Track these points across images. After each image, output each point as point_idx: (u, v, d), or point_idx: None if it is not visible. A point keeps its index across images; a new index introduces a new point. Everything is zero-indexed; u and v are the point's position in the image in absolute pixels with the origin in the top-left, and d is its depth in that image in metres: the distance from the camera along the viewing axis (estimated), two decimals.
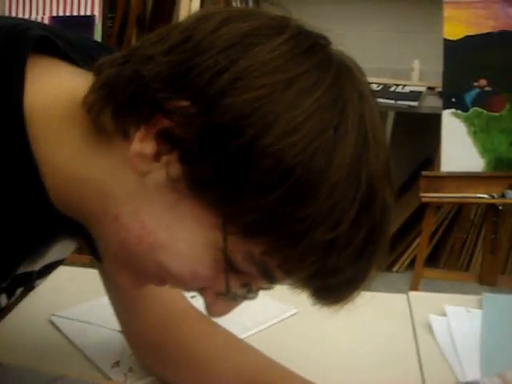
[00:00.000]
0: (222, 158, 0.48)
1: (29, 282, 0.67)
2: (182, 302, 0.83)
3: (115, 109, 0.52)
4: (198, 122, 0.48)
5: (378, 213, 0.51)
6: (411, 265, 2.52)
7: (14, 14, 2.67)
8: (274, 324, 0.97)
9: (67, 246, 0.69)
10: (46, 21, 2.65)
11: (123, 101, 0.51)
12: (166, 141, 0.50)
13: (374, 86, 2.58)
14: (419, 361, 0.90)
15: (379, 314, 1.02)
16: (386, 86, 2.59)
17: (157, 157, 0.51)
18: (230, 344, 0.82)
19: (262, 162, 0.47)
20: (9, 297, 0.66)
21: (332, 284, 0.53)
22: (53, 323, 0.97)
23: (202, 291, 0.58)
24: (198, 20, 0.52)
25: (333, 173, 0.48)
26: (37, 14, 2.67)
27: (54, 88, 0.56)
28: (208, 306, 0.58)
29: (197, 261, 0.53)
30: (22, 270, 0.63)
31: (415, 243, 2.64)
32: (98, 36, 2.28)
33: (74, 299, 1.03)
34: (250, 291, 0.57)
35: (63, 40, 0.60)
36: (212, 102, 0.48)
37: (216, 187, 0.49)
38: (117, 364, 0.86)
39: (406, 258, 2.73)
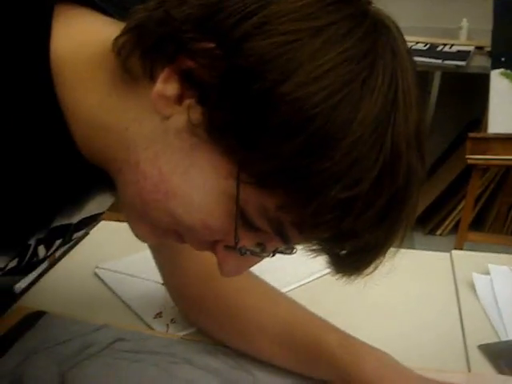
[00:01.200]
0: (241, 102, 0.47)
1: (66, 234, 0.68)
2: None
3: (144, 50, 0.51)
4: (221, 64, 0.47)
5: (403, 178, 0.48)
6: (455, 228, 2.48)
7: None
8: (315, 279, 0.98)
9: (105, 200, 0.69)
10: None
11: (152, 42, 0.51)
12: (189, 83, 0.50)
13: (421, 46, 2.53)
14: (461, 319, 0.89)
15: (421, 272, 1.02)
16: (433, 46, 2.53)
17: (179, 99, 0.51)
18: (269, 296, 0.82)
19: (281, 109, 0.46)
20: (47, 248, 0.67)
21: (349, 250, 0.52)
22: (97, 275, 1.00)
23: (213, 246, 0.57)
24: None
25: (356, 127, 0.46)
26: None
27: (82, 34, 0.56)
28: (220, 264, 0.57)
29: (210, 211, 0.52)
30: (58, 222, 0.64)
31: (460, 206, 2.60)
32: None
33: (117, 252, 1.05)
34: (263, 251, 0.56)
35: None
36: (236, 44, 0.47)
37: (233, 132, 0.48)
38: (159, 315, 0.88)
39: (450, 222, 2.70)
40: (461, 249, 1.98)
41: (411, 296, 0.95)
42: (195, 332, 0.85)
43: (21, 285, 0.99)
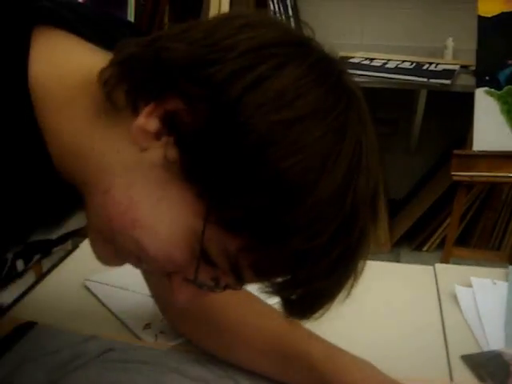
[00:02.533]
0: (218, 153, 0.50)
1: (46, 250, 0.69)
2: None
3: (130, 84, 0.54)
4: (206, 112, 0.50)
5: (356, 236, 0.52)
6: (441, 245, 2.50)
7: None
8: None
9: (83, 217, 0.70)
10: None
11: (140, 78, 0.53)
12: (170, 122, 0.52)
13: (407, 64, 2.56)
14: (443, 330, 0.91)
15: (405, 284, 1.04)
16: (419, 64, 2.57)
17: (158, 135, 0.53)
18: (255, 308, 0.84)
19: (260, 170, 0.49)
20: (26, 262, 0.68)
21: (300, 296, 0.55)
22: (86, 287, 1.01)
23: (171, 276, 0.58)
24: (220, 20, 0.55)
25: (321, 190, 0.50)
26: None
27: (63, 61, 0.57)
28: (174, 293, 0.59)
29: (174, 245, 0.54)
30: (35, 237, 0.65)
31: (446, 223, 2.62)
32: (131, 13, 2.30)
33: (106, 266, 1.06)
34: (217, 286, 0.58)
35: (80, 16, 0.62)
36: (228, 99, 0.49)
37: (206, 178, 0.51)
38: (148, 326, 0.89)
39: (436, 238, 2.72)
40: (447, 263, 2.00)
41: (395, 307, 0.97)
42: (184, 342, 0.86)
43: (9, 297, 1.01)
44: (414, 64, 2.58)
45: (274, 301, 0.93)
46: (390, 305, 0.98)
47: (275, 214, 0.50)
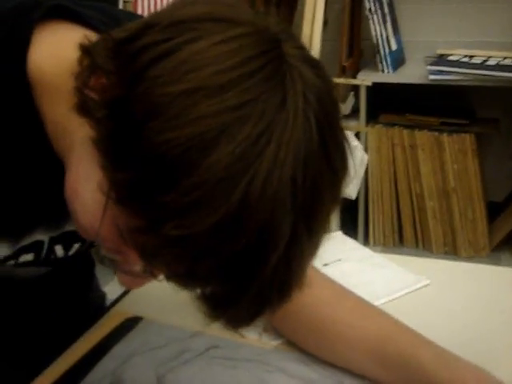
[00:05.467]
0: (115, 125, 0.49)
1: (85, 240, 0.70)
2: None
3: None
4: (116, 84, 0.50)
5: (255, 237, 0.47)
6: None
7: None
8: (406, 294, 0.97)
9: None
10: None
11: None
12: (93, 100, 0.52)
13: (509, 61, 2.47)
14: None
15: (506, 289, 0.99)
16: None
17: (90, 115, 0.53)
18: (358, 309, 0.82)
19: (138, 143, 0.47)
20: (65, 249, 0.72)
21: (206, 296, 0.51)
22: None
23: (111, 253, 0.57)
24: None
25: (205, 170, 0.46)
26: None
27: (61, 48, 0.60)
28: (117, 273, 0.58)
29: (94, 217, 0.53)
30: (70, 227, 0.68)
31: None
32: None
33: None
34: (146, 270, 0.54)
35: (100, 13, 0.65)
36: (133, 71, 0.49)
37: (105, 150, 0.50)
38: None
39: None
40: None
41: (504, 312, 0.93)
42: (288, 341, 0.86)
43: (114, 293, 1.03)
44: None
45: (380, 301, 0.92)
46: (499, 310, 0.94)
47: (152, 191, 0.47)
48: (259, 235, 0.47)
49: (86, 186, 0.54)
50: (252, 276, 0.49)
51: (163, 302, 0.97)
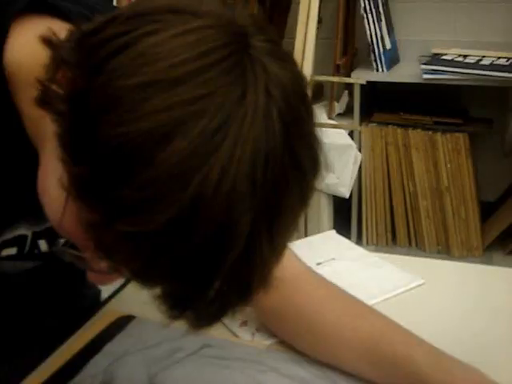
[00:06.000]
0: (73, 119, 0.49)
1: None
2: (297, 267, 0.83)
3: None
4: (75, 79, 0.49)
5: (207, 235, 0.45)
6: None
7: None
8: (401, 293, 0.97)
9: None
10: None
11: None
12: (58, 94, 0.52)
13: (503, 61, 2.48)
14: None
15: (499, 288, 0.99)
16: None
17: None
18: (351, 309, 0.82)
19: (91, 136, 0.47)
20: (49, 244, 0.72)
21: (165, 295, 0.50)
22: None
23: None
24: None
25: (158, 165, 0.45)
26: None
27: (36, 43, 0.56)
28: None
29: (58, 211, 0.53)
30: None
31: None
32: None
33: None
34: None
35: (80, 5, 0.65)
36: (92, 65, 0.48)
37: (62, 142, 0.50)
38: (244, 323, 0.89)
39: None
40: None
41: (501, 313, 0.93)
42: (281, 341, 0.85)
43: (106, 290, 1.03)
44: (511, 60, 2.49)
45: (374, 301, 0.92)
46: (492, 309, 0.94)
47: (106, 189, 0.46)
48: (215, 233, 0.46)
49: (52, 180, 0.53)
50: (209, 276, 0.47)
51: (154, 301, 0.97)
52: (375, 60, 2.61)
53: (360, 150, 2.56)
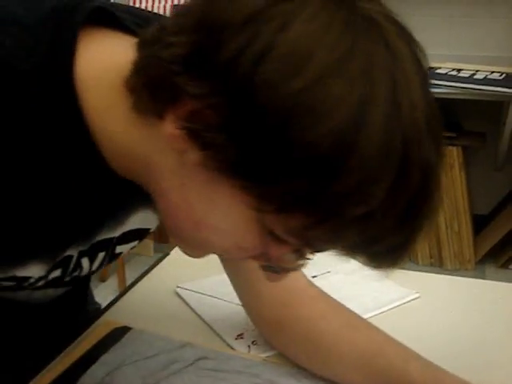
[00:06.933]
0: (248, 142, 0.47)
1: (109, 247, 0.70)
2: (301, 280, 0.84)
3: (149, 92, 0.53)
4: (223, 104, 0.47)
5: (418, 179, 0.48)
6: None
7: (137, 4, 2.78)
8: (395, 307, 0.97)
9: (148, 216, 0.71)
10: (168, 9, 2.75)
11: (154, 85, 0.52)
12: (194, 121, 0.50)
13: (496, 75, 2.50)
14: None
15: (491, 302, 1.00)
16: (509, 76, 2.50)
17: (190, 137, 0.51)
18: (348, 322, 0.82)
19: (288, 149, 0.46)
20: (91, 261, 0.70)
21: (378, 251, 0.52)
22: (178, 294, 1.02)
23: (255, 259, 0.58)
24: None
25: (362, 149, 0.46)
26: (159, 2, 2.77)
27: (107, 59, 0.57)
28: (264, 271, 0.59)
29: (239, 235, 0.54)
30: (100, 236, 0.66)
31: None
32: None
33: (197, 273, 1.07)
34: (301, 256, 0.57)
35: (131, 15, 0.61)
36: (239, 84, 0.46)
37: (244, 170, 0.49)
38: (240, 336, 0.89)
39: None
40: None
41: (493, 327, 0.94)
42: (277, 354, 0.86)
43: (101, 301, 1.03)
44: (504, 75, 2.51)
45: (369, 314, 0.93)
46: (487, 324, 0.94)
47: (322, 188, 0.47)
48: (422, 177, 0.48)
49: (212, 211, 0.53)
50: (419, 214, 0.50)
51: (151, 312, 0.97)
52: None
53: None
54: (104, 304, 1.00)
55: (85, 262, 0.69)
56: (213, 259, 0.90)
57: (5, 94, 0.51)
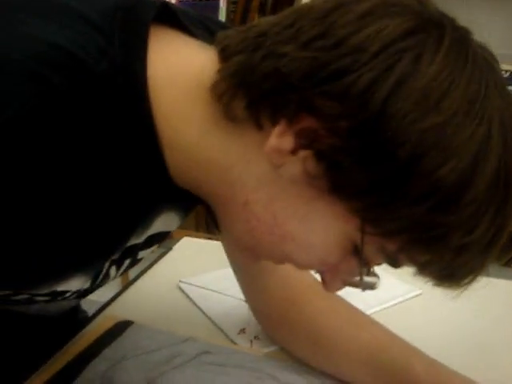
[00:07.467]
0: (368, 170, 0.47)
1: (134, 253, 0.68)
2: (306, 277, 0.84)
3: (250, 100, 0.51)
4: (348, 128, 0.47)
5: (509, 212, 0.51)
6: None
7: None
8: (398, 303, 0.97)
9: (170, 219, 0.68)
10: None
11: (260, 94, 0.50)
12: (307, 139, 0.49)
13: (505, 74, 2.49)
14: None
15: (493, 299, 1.01)
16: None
17: (294, 151, 0.50)
18: (353, 319, 0.82)
19: (414, 182, 0.47)
20: (117, 268, 0.67)
21: (456, 273, 0.53)
22: (181, 289, 1.02)
23: (323, 271, 0.59)
24: (332, 10, 0.49)
25: (476, 186, 0.48)
26: None
27: (178, 62, 0.55)
28: (326, 283, 0.59)
29: (327, 251, 0.54)
30: (130, 242, 0.63)
31: None
32: (222, 17, 2.34)
33: (199, 268, 1.07)
34: (368, 271, 0.57)
35: (181, 12, 0.59)
36: (371, 113, 0.46)
37: (358, 196, 0.49)
38: (243, 331, 0.89)
39: None
40: None
41: (496, 322, 0.94)
42: (279, 349, 0.86)
43: (103, 296, 1.03)
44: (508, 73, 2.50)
45: (372, 310, 0.92)
46: (489, 319, 0.94)
47: (434, 218, 0.48)
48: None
49: (305, 226, 0.53)
50: (499, 243, 0.52)
51: (153, 307, 0.97)
52: None
53: None
54: (106, 298, 1.00)
55: (112, 270, 0.67)
56: (215, 254, 0.90)
57: (81, 94, 0.48)
